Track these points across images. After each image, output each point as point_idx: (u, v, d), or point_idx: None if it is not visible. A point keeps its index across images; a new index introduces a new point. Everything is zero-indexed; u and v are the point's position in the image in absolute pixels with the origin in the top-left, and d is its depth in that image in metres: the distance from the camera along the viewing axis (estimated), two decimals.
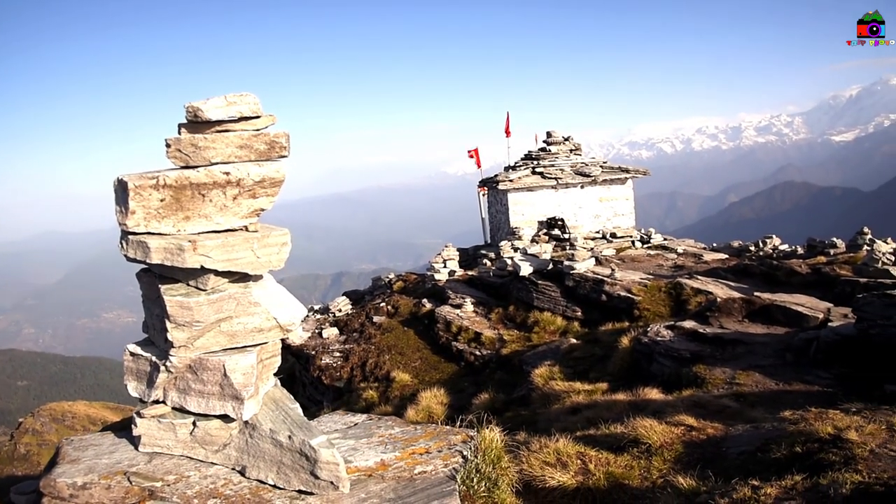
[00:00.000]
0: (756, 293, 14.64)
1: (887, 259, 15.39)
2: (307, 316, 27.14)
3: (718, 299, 14.49)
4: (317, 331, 23.29)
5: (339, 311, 26.19)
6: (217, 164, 4.10)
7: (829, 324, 11.63)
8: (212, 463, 4.27)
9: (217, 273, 4.08)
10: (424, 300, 23.33)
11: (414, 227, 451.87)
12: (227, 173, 4.06)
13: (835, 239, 23.18)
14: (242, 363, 4.10)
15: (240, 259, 4.09)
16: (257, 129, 4.20)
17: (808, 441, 5.47)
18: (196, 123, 4.06)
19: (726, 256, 24.96)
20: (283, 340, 4.53)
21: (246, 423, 4.20)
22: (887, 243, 20.78)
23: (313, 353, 21.07)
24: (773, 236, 28.42)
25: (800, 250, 24.78)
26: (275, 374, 4.62)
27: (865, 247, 20.66)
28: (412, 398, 14.88)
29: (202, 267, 3.98)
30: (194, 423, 4.23)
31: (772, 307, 13.47)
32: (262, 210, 4.30)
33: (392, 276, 32.84)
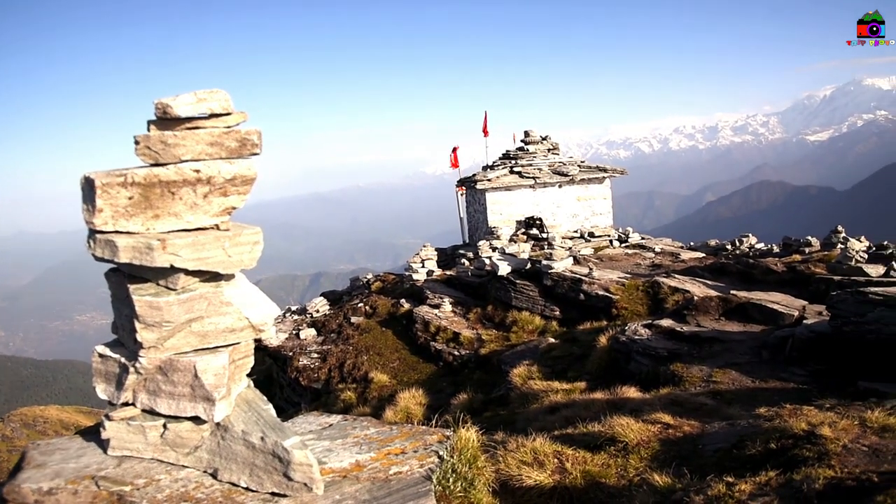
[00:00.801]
0: (733, 291, 14.78)
1: (860, 257, 15.60)
2: (284, 317, 26.92)
3: (695, 298, 14.60)
4: (294, 332, 23.09)
5: (317, 311, 26.01)
6: (187, 161, 4.02)
7: (804, 321, 11.78)
8: (183, 466, 4.18)
9: (187, 272, 4.00)
10: (402, 300, 23.26)
11: (393, 227, 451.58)
12: (198, 171, 3.98)
13: (810, 237, 23.46)
14: (214, 364, 4.03)
15: (210, 258, 4.01)
16: (228, 127, 4.12)
17: (783, 437, 5.51)
18: (165, 120, 3.98)
19: (703, 255, 25.20)
20: (259, 341, 4.46)
21: (218, 424, 4.12)
22: (860, 241, 21.10)
23: (290, 354, 20.88)
24: (750, 235, 28.75)
25: (775, 249, 25.07)
26: (249, 376, 4.55)
27: (839, 245, 20.97)
28: (390, 399, 14.82)
29: (172, 266, 3.89)
30: (165, 426, 4.14)
31: (748, 305, 13.60)
32: (234, 208, 4.22)
33: (370, 276, 32.72)
